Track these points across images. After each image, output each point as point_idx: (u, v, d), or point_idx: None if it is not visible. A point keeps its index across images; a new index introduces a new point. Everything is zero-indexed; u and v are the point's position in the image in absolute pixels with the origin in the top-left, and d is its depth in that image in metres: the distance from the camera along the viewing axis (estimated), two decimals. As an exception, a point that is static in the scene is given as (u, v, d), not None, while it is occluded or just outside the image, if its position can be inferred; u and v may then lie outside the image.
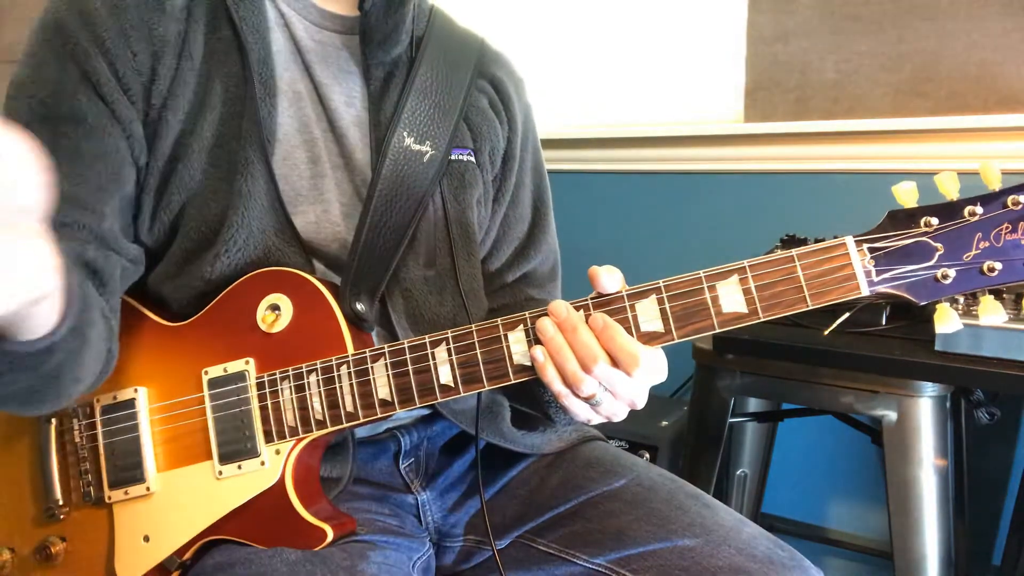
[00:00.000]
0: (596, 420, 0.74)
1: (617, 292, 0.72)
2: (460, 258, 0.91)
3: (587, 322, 0.71)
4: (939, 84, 1.58)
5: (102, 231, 0.76)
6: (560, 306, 0.72)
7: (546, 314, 0.72)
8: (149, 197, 0.80)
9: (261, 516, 0.76)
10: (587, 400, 0.71)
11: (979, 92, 1.55)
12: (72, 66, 0.76)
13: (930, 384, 1.29)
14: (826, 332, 1.31)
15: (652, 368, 0.71)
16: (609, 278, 0.72)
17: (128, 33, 0.78)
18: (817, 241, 1.38)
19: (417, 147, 0.88)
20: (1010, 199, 0.60)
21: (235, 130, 0.81)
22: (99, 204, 0.76)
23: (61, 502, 0.80)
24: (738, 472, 1.71)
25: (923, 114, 1.60)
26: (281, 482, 0.76)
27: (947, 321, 0.64)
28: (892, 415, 1.32)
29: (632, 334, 0.71)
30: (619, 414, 0.74)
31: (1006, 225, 0.60)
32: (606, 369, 0.69)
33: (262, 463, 0.76)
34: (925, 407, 1.30)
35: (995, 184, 0.61)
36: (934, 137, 1.59)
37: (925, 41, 1.58)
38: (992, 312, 0.63)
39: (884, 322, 1.35)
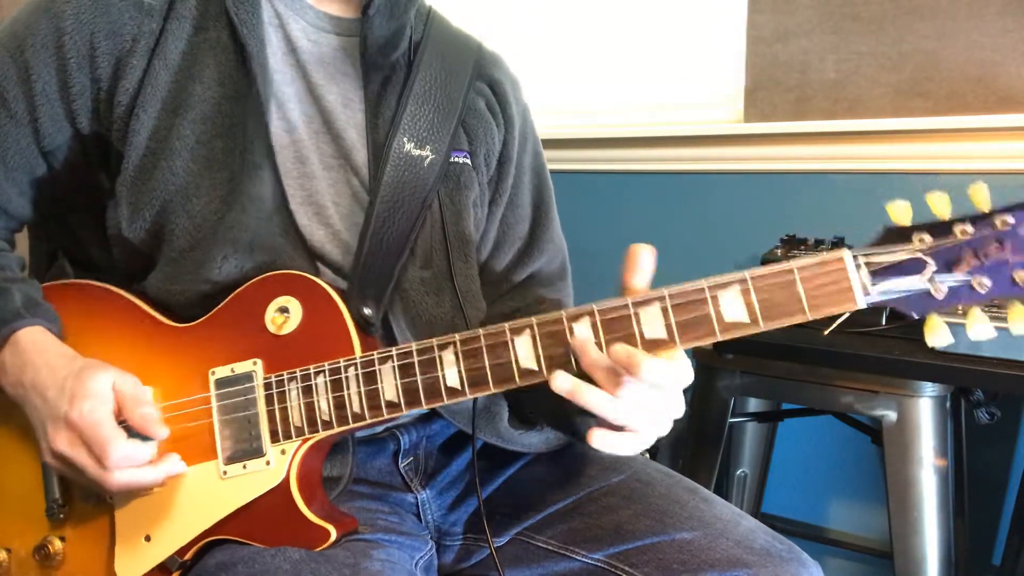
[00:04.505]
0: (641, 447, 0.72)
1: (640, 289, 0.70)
2: (456, 259, 0.91)
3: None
4: (939, 84, 1.58)
5: None
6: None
7: (551, 320, 0.70)
8: (125, 188, 0.81)
9: (264, 516, 0.77)
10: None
11: (979, 92, 1.55)
12: (20, 60, 0.81)
13: (930, 384, 1.29)
14: (826, 332, 1.30)
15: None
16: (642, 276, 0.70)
17: (95, 30, 0.80)
18: (817, 241, 1.40)
19: (417, 152, 0.88)
20: (998, 219, 0.63)
21: (219, 129, 0.81)
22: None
23: (61, 501, 0.80)
24: (738, 472, 1.72)
25: (923, 114, 1.59)
26: (285, 482, 0.76)
27: (937, 333, 0.66)
28: (892, 415, 1.32)
29: (636, 342, 0.69)
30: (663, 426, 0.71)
31: (994, 244, 0.63)
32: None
33: (267, 463, 0.77)
34: (925, 407, 1.30)
35: (984, 206, 0.64)
36: (934, 137, 1.59)
37: (925, 41, 1.58)
38: (980, 324, 0.66)
39: (884, 322, 1.35)
